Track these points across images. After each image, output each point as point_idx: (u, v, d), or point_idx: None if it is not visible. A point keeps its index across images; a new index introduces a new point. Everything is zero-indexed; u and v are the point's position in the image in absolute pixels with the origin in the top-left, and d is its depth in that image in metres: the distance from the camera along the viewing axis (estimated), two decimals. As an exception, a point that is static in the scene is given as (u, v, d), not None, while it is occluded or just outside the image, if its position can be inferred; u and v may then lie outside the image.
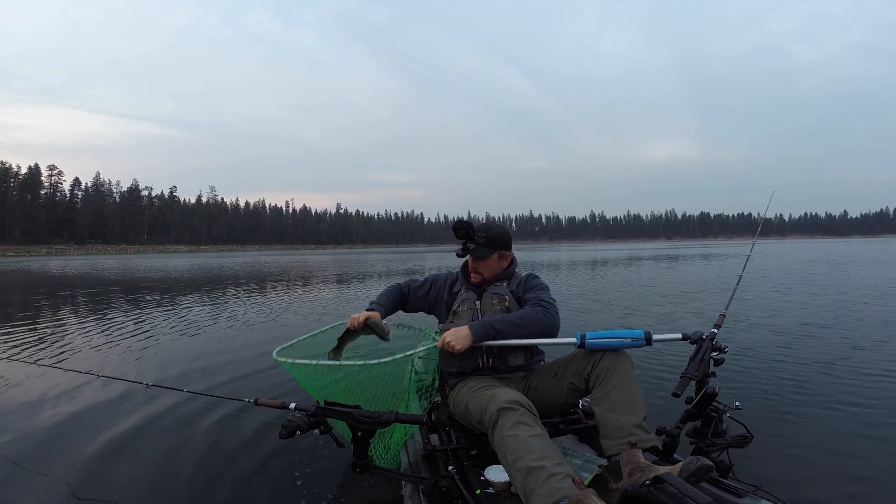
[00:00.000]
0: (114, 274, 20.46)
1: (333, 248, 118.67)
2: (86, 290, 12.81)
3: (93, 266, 28.90)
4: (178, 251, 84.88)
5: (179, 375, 4.10)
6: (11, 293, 12.74)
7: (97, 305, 9.38)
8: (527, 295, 2.08)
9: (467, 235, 2.07)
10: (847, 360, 4.02)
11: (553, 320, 1.94)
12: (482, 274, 2.12)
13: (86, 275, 20.14)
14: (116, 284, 14.79)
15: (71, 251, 76.07)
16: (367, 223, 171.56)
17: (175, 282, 15.62)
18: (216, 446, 2.63)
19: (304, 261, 32.91)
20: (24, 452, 2.58)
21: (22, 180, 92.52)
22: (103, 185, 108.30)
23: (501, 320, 1.90)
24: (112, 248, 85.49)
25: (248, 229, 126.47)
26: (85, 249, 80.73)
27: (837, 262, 17.12)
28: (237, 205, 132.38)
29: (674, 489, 1.26)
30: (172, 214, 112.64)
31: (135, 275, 19.61)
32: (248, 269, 23.22)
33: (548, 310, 1.94)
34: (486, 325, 1.89)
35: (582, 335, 1.85)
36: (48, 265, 31.74)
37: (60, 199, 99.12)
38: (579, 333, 1.86)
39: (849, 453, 2.39)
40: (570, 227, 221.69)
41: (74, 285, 14.67)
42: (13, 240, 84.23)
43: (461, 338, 1.85)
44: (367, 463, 1.74)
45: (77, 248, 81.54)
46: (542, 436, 1.55)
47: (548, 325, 1.92)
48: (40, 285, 14.97)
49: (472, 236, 2.07)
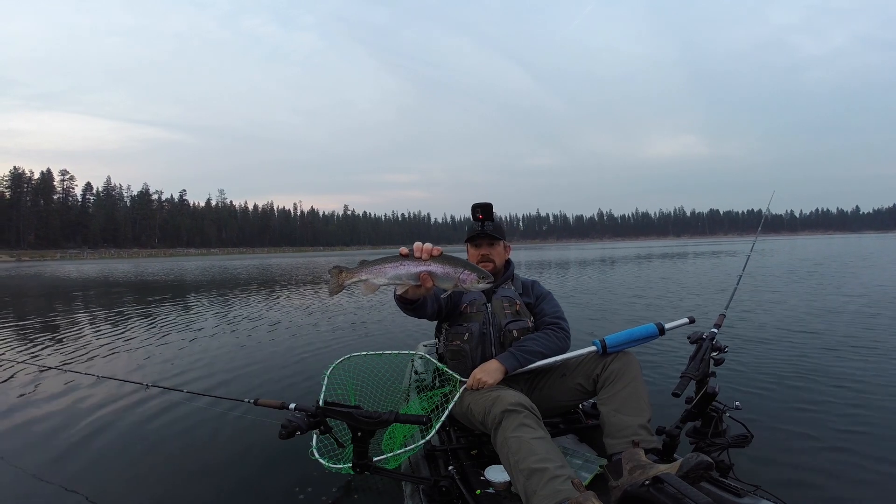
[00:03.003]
0: (123, 277, 20.70)
1: (342, 249, 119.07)
2: (91, 293, 12.99)
3: (104, 270, 29.26)
4: (188, 254, 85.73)
5: (180, 376, 4.15)
6: (21, 296, 12.92)
7: (101, 307, 9.51)
8: (541, 306, 2.13)
9: (487, 215, 2.10)
10: (848, 360, 3.98)
11: (569, 342, 2.07)
12: (494, 261, 2.12)
13: (96, 279, 20.39)
14: (123, 287, 14.99)
15: (84, 255, 77.21)
16: (375, 224, 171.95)
17: (182, 284, 15.77)
18: (216, 446, 2.65)
19: (313, 263, 33.03)
20: (24, 452, 2.62)
21: (35, 185, 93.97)
22: (114, 189, 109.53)
23: (531, 351, 1.96)
24: (125, 252, 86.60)
25: (257, 232, 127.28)
26: (98, 253, 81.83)
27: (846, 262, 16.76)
28: (246, 208, 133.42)
29: (673, 489, 1.26)
30: (183, 218, 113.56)
31: (144, 278, 19.84)
32: (254, 271, 23.40)
33: (567, 334, 2.08)
34: (518, 358, 1.93)
35: (601, 342, 1.88)
36: (63, 269, 32.23)
37: (73, 203, 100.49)
38: (597, 341, 1.89)
39: (849, 453, 2.37)
40: (577, 225, 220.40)
41: (82, 288, 14.86)
42: (28, 244, 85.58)
43: (491, 371, 1.88)
44: (367, 463, 1.74)
45: (90, 252, 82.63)
46: (545, 438, 1.56)
47: (567, 348, 2.03)
48: (50, 289, 15.19)
49: (491, 217, 2.11)
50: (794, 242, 52.81)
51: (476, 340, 2.02)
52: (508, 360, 1.91)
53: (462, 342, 2.03)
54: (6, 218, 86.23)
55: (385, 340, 5.43)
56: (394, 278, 1.54)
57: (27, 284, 18.19)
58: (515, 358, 1.93)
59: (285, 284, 14.52)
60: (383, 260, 1.55)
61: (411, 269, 1.52)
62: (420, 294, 1.62)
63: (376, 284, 1.54)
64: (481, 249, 2.12)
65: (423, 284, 1.52)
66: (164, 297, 11.11)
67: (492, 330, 2.04)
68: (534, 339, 2.00)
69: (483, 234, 2.10)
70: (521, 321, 2.06)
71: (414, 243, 1.54)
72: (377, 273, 1.54)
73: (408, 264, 1.53)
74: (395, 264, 1.53)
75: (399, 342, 5.26)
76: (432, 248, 1.53)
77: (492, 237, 2.12)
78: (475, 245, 2.14)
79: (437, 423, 1.82)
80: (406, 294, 1.62)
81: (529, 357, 1.94)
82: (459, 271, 1.52)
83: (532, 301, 2.15)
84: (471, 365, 1.98)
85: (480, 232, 2.10)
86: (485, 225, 2.09)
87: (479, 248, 2.13)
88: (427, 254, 1.52)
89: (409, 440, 1.95)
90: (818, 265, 15.40)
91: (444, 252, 1.55)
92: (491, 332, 2.04)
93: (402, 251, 1.54)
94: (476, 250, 2.13)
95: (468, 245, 2.18)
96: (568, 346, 2.04)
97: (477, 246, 2.13)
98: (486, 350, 2.03)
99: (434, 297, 1.91)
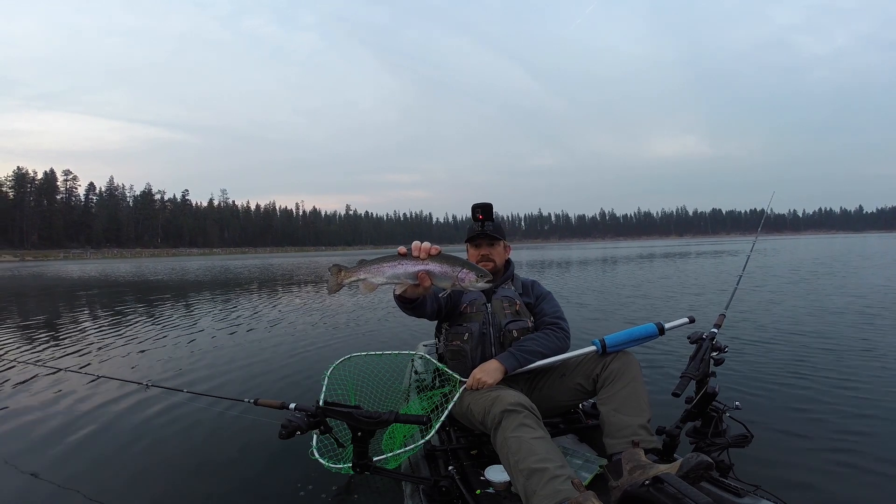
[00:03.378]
0: (124, 277, 20.76)
1: (344, 249, 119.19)
2: (93, 293, 13.04)
3: (106, 270, 29.35)
4: (191, 254, 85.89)
5: (180, 376, 4.16)
6: (23, 296, 12.97)
7: (101, 307, 9.54)
8: (541, 306, 2.13)
9: (487, 215, 2.11)
10: (848, 360, 3.97)
11: (569, 342, 2.07)
12: (494, 261, 2.13)
13: (98, 279, 20.45)
14: (124, 287, 15.03)
15: (87, 255, 77.46)
16: (377, 224, 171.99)
17: (182, 284, 15.80)
18: (216, 446, 2.65)
19: (314, 263, 33.06)
20: (24, 452, 2.62)
21: (38, 185, 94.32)
22: (117, 189, 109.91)
23: (530, 351, 1.95)
24: (127, 252, 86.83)
25: (259, 232, 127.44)
26: (101, 253, 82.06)
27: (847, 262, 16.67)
28: (248, 208, 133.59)
29: (673, 489, 1.25)
30: (185, 218, 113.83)
31: (146, 277, 19.89)
32: (255, 271, 23.43)
33: (567, 334, 2.08)
34: (518, 358, 1.93)
35: (601, 342, 1.88)
36: (66, 269, 32.33)
37: (76, 203, 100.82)
38: (597, 340, 1.89)
39: (849, 453, 2.37)
40: (579, 225, 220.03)
41: (83, 288, 14.92)
42: (31, 244, 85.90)
43: (491, 371, 1.88)
44: (367, 463, 1.74)
45: (93, 252, 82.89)
46: (545, 438, 1.56)
47: (567, 348, 2.04)
48: (52, 288, 15.23)
49: (491, 218, 2.12)
50: (797, 242, 52.65)
51: (476, 340, 2.03)
52: (508, 360, 1.92)
53: (462, 342, 2.03)
54: (10, 218, 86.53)
55: (385, 340, 5.43)
56: (392, 277, 1.54)
57: (29, 284, 18.25)
58: (515, 358, 1.93)
59: (285, 284, 14.54)
60: (382, 259, 1.56)
61: (409, 268, 1.53)
62: (419, 293, 1.63)
63: (375, 283, 1.54)
64: (481, 249, 2.13)
65: (422, 283, 1.53)
66: (164, 297, 11.13)
67: (491, 330, 2.04)
68: (533, 339, 2.00)
69: (483, 235, 2.11)
70: (520, 321, 2.06)
71: (412, 242, 1.55)
72: (376, 272, 1.55)
73: (406, 263, 1.53)
74: (393, 263, 1.54)
75: (399, 342, 5.26)
76: (430, 247, 1.53)
77: (492, 237, 2.12)
78: (475, 245, 2.14)
79: (437, 423, 1.82)
80: (405, 293, 1.63)
81: (529, 357, 1.94)
82: (457, 270, 1.53)
83: (532, 301, 2.15)
84: (470, 365, 1.98)
85: (480, 232, 2.10)
86: (485, 225, 2.10)
87: (479, 248, 2.13)
88: (425, 253, 1.53)
89: (409, 440, 1.96)
90: (820, 264, 15.35)
91: (442, 251, 1.55)
92: (491, 332, 2.04)
93: (401, 250, 1.55)
94: (476, 250, 2.14)
95: (468, 245, 2.19)
96: (568, 346, 2.04)
97: (477, 246, 2.14)
98: (486, 350, 2.03)
99: (433, 297, 1.91)
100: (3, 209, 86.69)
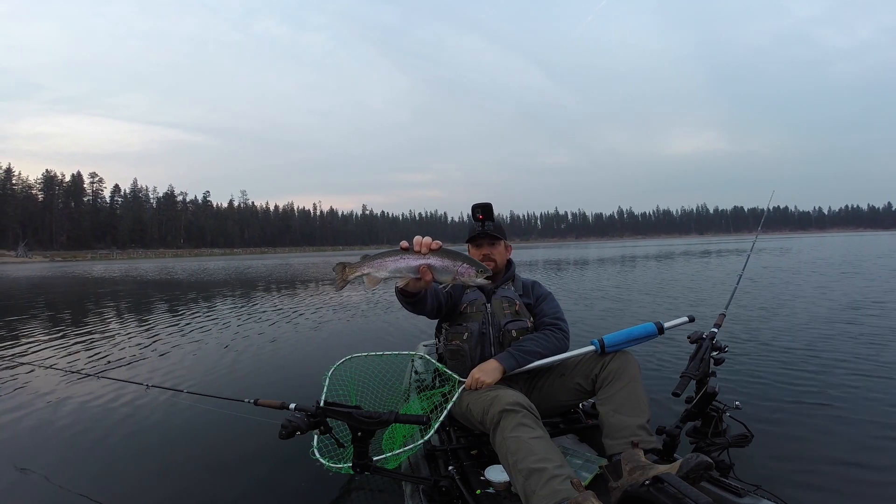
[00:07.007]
0: (143, 276, 21.22)
1: (360, 248, 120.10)
2: (97, 293, 13.34)
3: (129, 270, 30.06)
4: (213, 254, 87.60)
5: (180, 376, 4.20)
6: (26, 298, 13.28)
7: (107, 307, 9.73)
8: (541, 306, 2.13)
9: (488, 215, 2.12)
10: (848, 360, 3.89)
11: (568, 343, 2.05)
12: (495, 260, 2.14)
13: (121, 278, 20.98)
14: (124, 287, 15.34)
15: (114, 255, 79.82)
16: (393, 224, 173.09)
17: (196, 284, 16.10)
18: (216, 447, 2.68)
19: (328, 262, 33.33)
20: (24, 452, 2.67)
21: (66, 188, 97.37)
22: (141, 191, 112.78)
23: (529, 351, 1.95)
24: (151, 253, 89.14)
25: (278, 232, 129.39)
26: (126, 254, 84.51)
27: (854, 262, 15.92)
28: (267, 208, 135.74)
29: (673, 489, 1.25)
30: (207, 219, 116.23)
31: (164, 277, 20.32)
32: (263, 270, 23.67)
33: (566, 335, 2.07)
34: (516, 358, 1.93)
35: (600, 341, 1.87)
36: (94, 268, 33.22)
37: (101, 205, 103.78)
38: (596, 340, 1.89)
39: (849, 453, 2.34)
40: (597, 223, 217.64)
41: (107, 286, 15.29)
42: (60, 245, 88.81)
43: (489, 371, 1.88)
44: (367, 463, 1.76)
45: (119, 252, 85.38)
46: (544, 438, 1.56)
47: (566, 349, 2.03)
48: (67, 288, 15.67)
49: (491, 217, 2.13)
50: (823, 240, 51.17)
51: (475, 340, 2.03)
52: (507, 360, 1.92)
53: (461, 342, 2.04)
54: (40, 220, 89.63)
55: (385, 341, 5.44)
56: (394, 271, 1.58)
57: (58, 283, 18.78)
58: (514, 358, 1.93)
59: (292, 284, 14.71)
60: (384, 254, 1.60)
61: (411, 262, 1.57)
62: (420, 287, 1.66)
63: (378, 278, 1.59)
64: (482, 249, 2.14)
65: (423, 277, 1.56)
66: (173, 297, 11.36)
67: (491, 330, 2.05)
68: (532, 339, 2.00)
69: (484, 234, 2.12)
70: (520, 321, 2.06)
71: (414, 237, 1.58)
72: (378, 267, 1.59)
73: (408, 258, 1.57)
74: (395, 258, 1.58)
75: (399, 342, 5.27)
76: (431, 241, 1.57)
77: (492, 237, 2.13)
78: (476, 245, 2.15)
79: (436, 423, 1.83)
80: (407, 287, 1.66)
81: (528, 357, 1.94)
82: (458, 264, 1.56)
83: (532, 302, 2.15)
84: (470, 364, 1.99)
85: (481, 232, 2.11)
86: (485, 225, 2.11)
87: (480, 247, 2.14)
88: (426, 247, 1.56)
89: (409, 440, 1.97)
90: (830, 266, 14.87)
91: (443, 246, 1.58)
92: (490, 332, 2.04)
93: (403, 245, 1.58)
94: (477, 250, 2.15)
95: (469, 245, 2.20)
96: (567, 346, 2.03)
97: (478, 246, 2.15)
98: (486, 350, 2.03)
99: (434, 294, 1.93)
100: (35, 211, 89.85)
